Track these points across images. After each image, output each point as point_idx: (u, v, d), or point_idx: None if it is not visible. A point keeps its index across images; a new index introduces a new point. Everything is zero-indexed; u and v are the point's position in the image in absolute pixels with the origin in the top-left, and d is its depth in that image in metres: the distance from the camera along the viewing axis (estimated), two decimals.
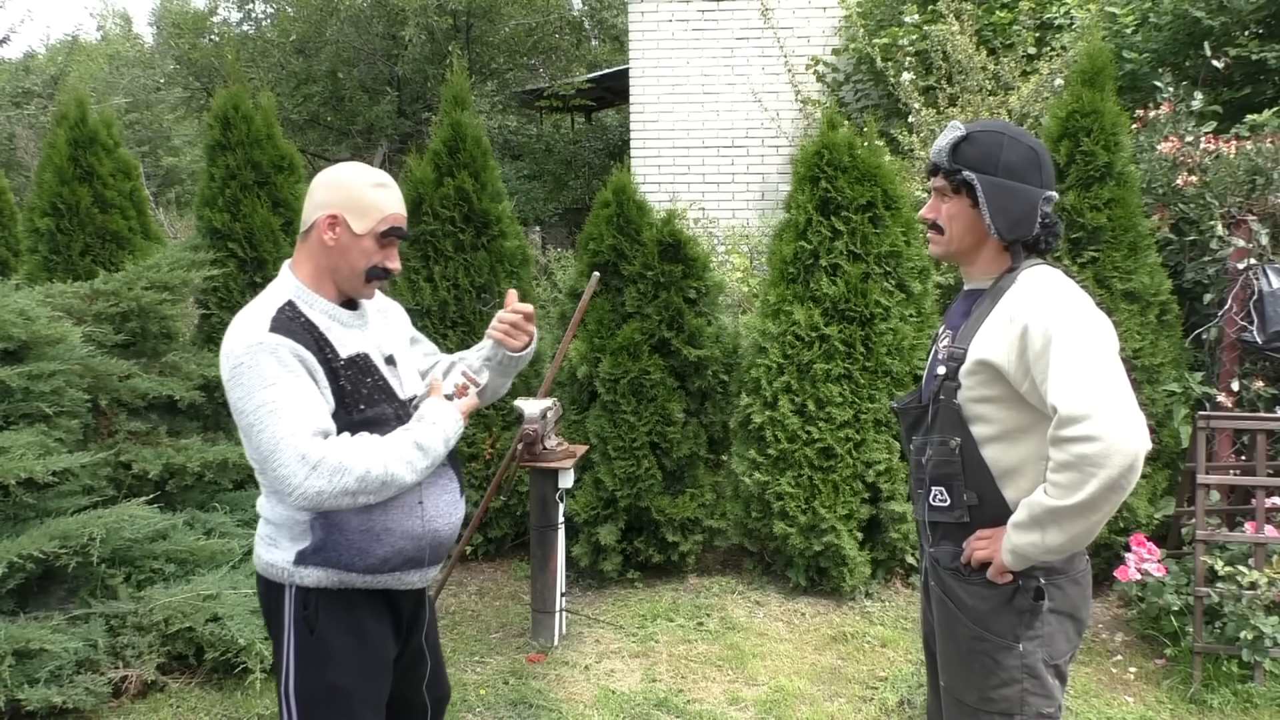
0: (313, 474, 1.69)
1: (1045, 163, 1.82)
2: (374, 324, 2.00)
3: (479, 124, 4.65)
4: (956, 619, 1.85)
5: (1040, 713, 1.80)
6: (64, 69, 14.84)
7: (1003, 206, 1.79)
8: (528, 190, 12.06)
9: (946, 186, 1.86)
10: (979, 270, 1.89)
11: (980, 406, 1.79)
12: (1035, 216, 1.80)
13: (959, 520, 1.84)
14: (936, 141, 1.87)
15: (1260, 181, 4.12)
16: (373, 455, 1.75)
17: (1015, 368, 1.71)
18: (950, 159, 1.83)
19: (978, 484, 1.81)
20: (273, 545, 1.89)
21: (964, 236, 1.87)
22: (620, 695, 3.31)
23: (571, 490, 3.98)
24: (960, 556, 1.85)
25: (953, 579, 1.86)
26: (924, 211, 1.93)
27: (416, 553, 1.91)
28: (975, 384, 1.78)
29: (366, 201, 1.85)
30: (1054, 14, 6.13)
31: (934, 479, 1.87)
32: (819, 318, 4.06)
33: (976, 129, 1.83)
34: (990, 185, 1.79)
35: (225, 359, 1.78)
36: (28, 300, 3.64)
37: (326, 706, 1.87)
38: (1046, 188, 1.81)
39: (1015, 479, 1.78)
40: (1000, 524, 1.79)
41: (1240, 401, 4.15)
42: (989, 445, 1.79)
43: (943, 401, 1.84)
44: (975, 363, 1.77)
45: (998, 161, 1.79)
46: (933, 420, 1.87)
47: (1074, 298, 1.74)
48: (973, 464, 1.80)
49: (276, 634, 1.91)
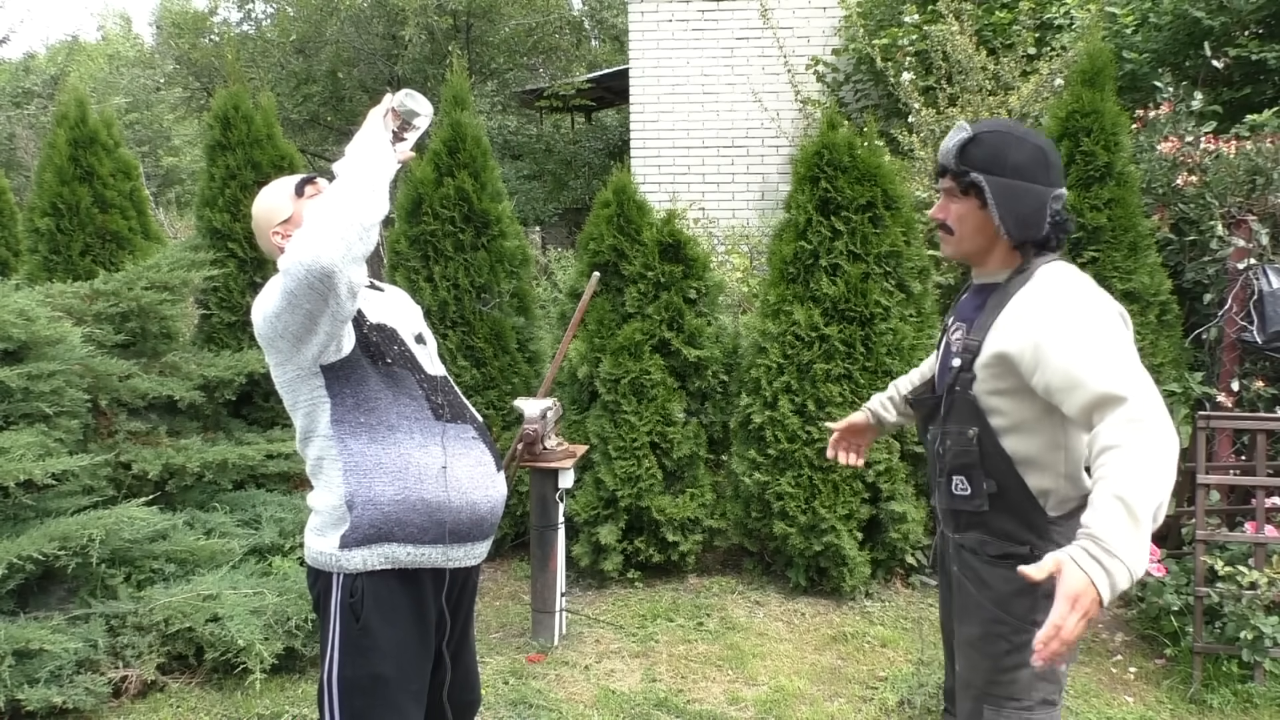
0: (297, 244, 1.72)
1: (1054, 161, 1.83)
2: (402, 307, 2.12)
3: (479, 124, 4.65)
4: (977, 601, 1.87)
5: (1045, 699, 1.82)
6: (64, 69, 14.87)
7: (1012, 207, 1.80)
8: (528, 190, 12.07)
9: (955, 188, 1.87)
10: (992, 267, 1.91)
11: (995, 399, 1.80)
12: (1045, 215, 1.81)
13: (979, 509, 1.86)
14: (944, 142, 1.88)
15: (1260, 181, 4.12)
16: (324, 201, 1.77)
17: (1029, 360, 1.72)
18: (958, 160, 1.84)
19: (997, 472, 1.83)
20: (320, 535, 1.93)
21: (974, 237, 1.88)
22: (620, 695, 3.31)
23: (572, 490, 3.98)
24: (989, 548, 1.85)
25: (977, 561, 1.88)
26: (933, 212, 1.95)
27: (455, 525, 1.94)
28: (990, 376, 1.80)
29: (273, 204, 2.02)
30: (1054, 14, 6.12)
31: (953, 468, 1.89)
32: (819, 318, 4.06)
33: (983, 130, 1.84)
34: (998, 186, 1.80)
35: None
36: (28, 300, 3.64)
37: (369, 695, 1.89)
38: (1055, 186, 1.82)
39: (1036, 467, 1.80)
40: (1021, 511, 1.80)
41: (1240, 401, 4.15)
42: (1006, 436, 1.81)
43: (958, 393, 1.85)
44: (991, 355, 1.78)
45: (1005, 162, 1.80)
46: (948, 411, 1.89)
47: (1090, 293, 1.76)
48: (992, 453, 1.82)
49: (323, 622, 1.94)
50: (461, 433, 1.99)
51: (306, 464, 1.97)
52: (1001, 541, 1.85)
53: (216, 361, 4.25)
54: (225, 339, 4.64)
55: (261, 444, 4.12)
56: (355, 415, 1.89)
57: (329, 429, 1.89)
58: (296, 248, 1.70)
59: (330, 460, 1.90)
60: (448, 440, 1.95)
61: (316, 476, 1.95)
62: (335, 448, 1.89)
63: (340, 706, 1.90)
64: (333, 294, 1.72)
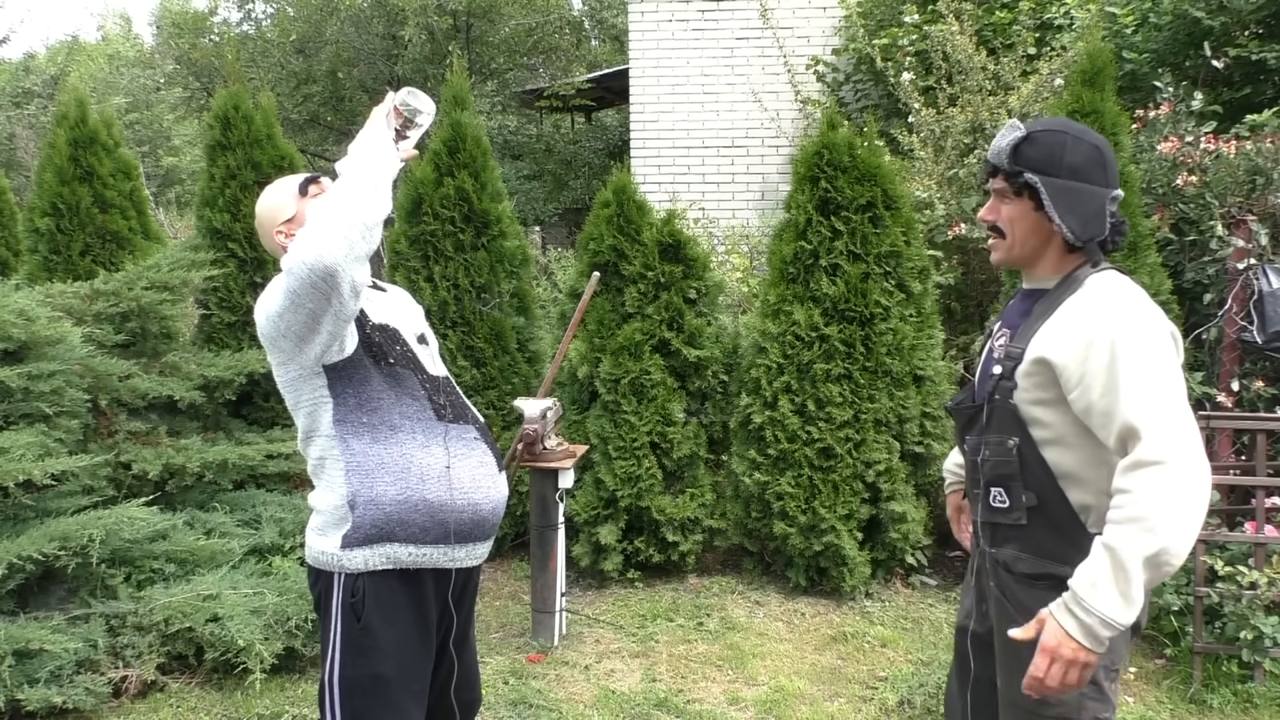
0: (300, 243, 1.72)
1: (1109, 160, 1.76)
2: (404, 307, 2.12)
3: (479, 124, 4.65)
4: (1017, 623, 1.77)
5: (1096, 717, 1.76)
6: (64, 69, 14.87)
7: (1073, 208, 1.73)
8: (528, 190, 12.07)
9: (1007, 189, 1.79)
10: (1042, 272, 1.84)
11: (1036, 409, 1.74)
12: (1105, 216, 1.75)
13: (1016, 522, 1.79)
14: (995, 141, 1.80)
15: (1260, 181, 4.12)
16: (327, 200, 1.77)
17: (1074, 374, 1.67)
18: (1011, 160, 1.76)
19: (1037, 485, 1.76)
20: (321, 534, 1.93)
21: (1027, 240, 1.80)
22: (620, 695, 3.31)
23: (572, 490, 3.98)
24: (1022, 564, 1.79)
25: (1015, 583, 1.81)
26: (983, 213, 1.86)
27: (458, 525, 1.94)
28: (1031, 385, 1.74)
29: (277, 203, 2.02)
30: (1054, 14, 6.12)
31: (991, 480, 1.83)
32: (819, 318, 4.06)
33: (1038, 129, 1.77)
34: (1055, 187, 1.73)
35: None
36: (28, 300, 3.64)
37: (369, 695, 1.89)
38: (1112, 186, 1.76)
39: (1077, 482, 1.74)
40: (1062, 527, 1.74)
41: (1240, 401, 4.15)
42: (1048, 447, 1.75)
43: (998, 401, 1.79)
44: (1032, 362, 1.73)
45: (1061, 162, 1.73)
46: (988, 420, 1.82)
47: (1140, 311, 1.68)
48: (1032, 464, 1.75)
49: (324, 622, 1.94)
50: (463, 433, 1.99)
51: (308, 464, 1.97)
52: (1038, 559, 1.78)
53: (216, 361, 4.26)
54: (225, 339, 4.64)
55: (261, 444, 4.12)
56: (357, 415, 1.89)
57: (331, 429, 1.89)
58: (299, 247, 1.70)
59: (332, 460, 1.90)
60: (450, 441, 1.95)
61: (318, 476, 1.95)
62: (337, 448, 1.89)
63: (341, 706, 1.90)
64: (336, 293, 1.72)
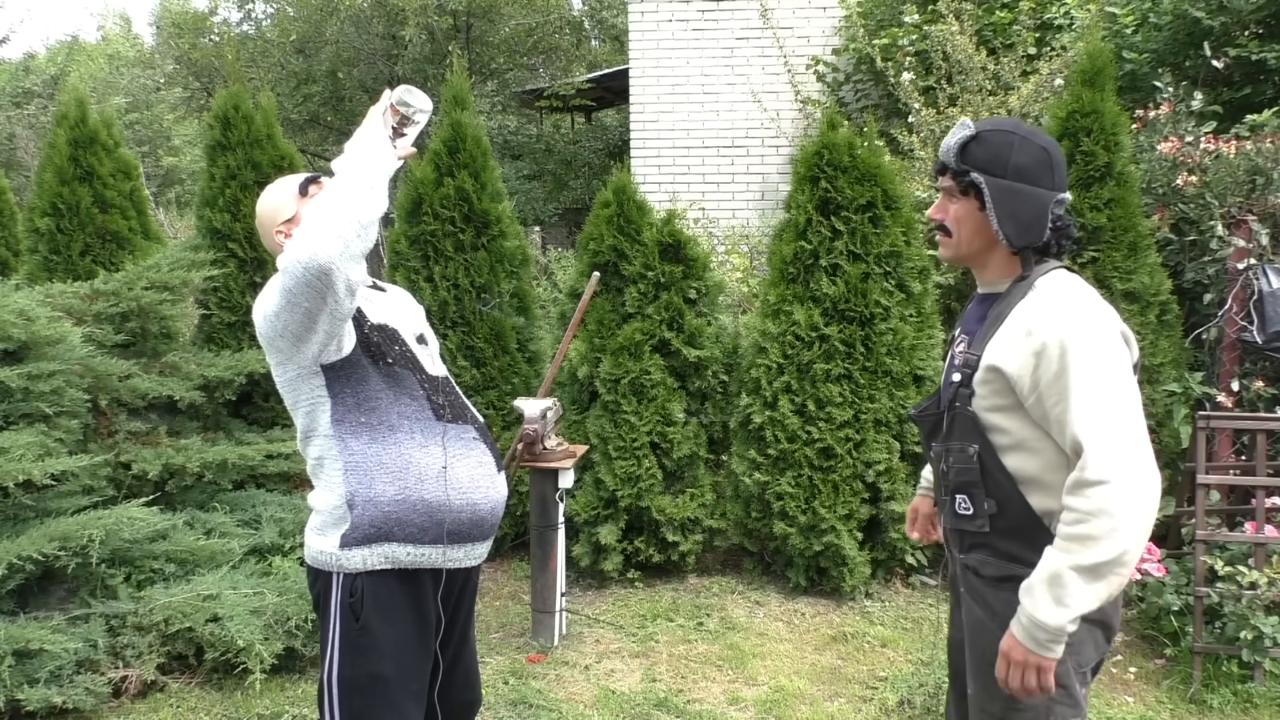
0: (295, 242, 1.73)
1: (1058, 163, 1.75)
2: (404, 308, 2.12)
3: (479, 124, 4.65)
4: (986, 626, 1.80)
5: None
6: (64, 69, 14.87)
7: (1012, 211, 1.72)
8: (528, 190, 12.07)
9: (954, 187, 1.79)
10: (992, 274, 1.83)
11: (994, 415, 1.74)
12: (1046, 221, 1.73)
13: (980, 529, 1.79)
14: (946, 139, 1.80)
15: (1260, 181, 4.12)
16: (323, 199, 1.78)
17: (1026, 382, 1.67)
18: (958, 159, 1.76)
19: (999, 492, 1.76)
20: (320, 534, 1.93)
21: (972, 240, 1.80)
22: (620, 695, 3.31)
23: (572, 490, 3.98)
24: (989, 568, 1.81)
25: (983, 585, 1.82)
26: (931, 211, 1.87)
27: (456, 525, 1.94)
28: (988, 392, 1.73)
29: (277, 203, 2.03)
30: (1054, 14, 6.12)
31: (955, 487, 1.83)
32: (819, 318, 4.06)
33: (987, 128, 1.76)
34: (998, 188, 1.73)
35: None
36: (28, 300, 3.64)
37: (368, 695, 1.89)
38: (1059, 190, 1.75)
39: (1040, 486, 1.73)
40: (1024, 532, 1.74)
41: (1240, 401, 4.15)
42: (1008, 454, 1.74)
43: (958, 409, 1.79)
44: (987, 370, 1.72)
45: (1007, 163, 1.72)
46: (949, 428, 1.82)
47: (1091, 312, 1.68)
48: (993, 471, 1.75)
49: (323, 622, 1.94)
50: (462, 433, 1.99)
51: (307, 463, 1.98)
52: (1003, 562, 1.78)
53: (216, 361, 4.26)
54: (225, 339, 4.64)
55: (261, 444, 4.12)
56: (356, 415, 1.89)
57: (330, 428, 1.89)
58: (294, 246, 1.71)
59: (331, 460, 1.90)
60: (449, 441, 1.95)
61: (317, 476, 1.95)
62: (336, 447, 1.89)
63: (340, 706, 1.90)
64: (331, 292, 1.72)
